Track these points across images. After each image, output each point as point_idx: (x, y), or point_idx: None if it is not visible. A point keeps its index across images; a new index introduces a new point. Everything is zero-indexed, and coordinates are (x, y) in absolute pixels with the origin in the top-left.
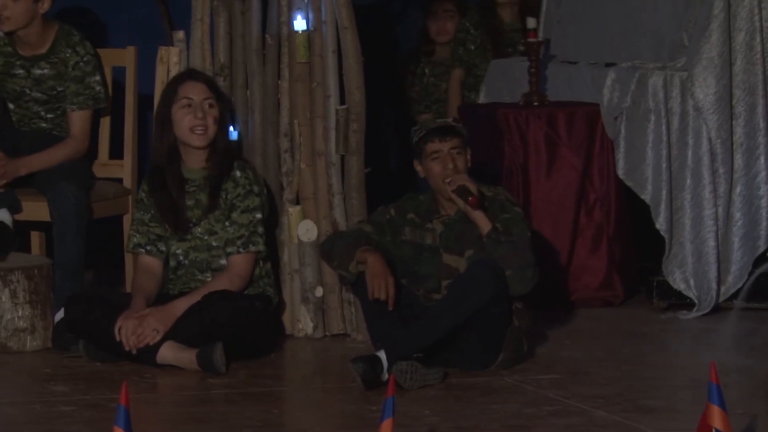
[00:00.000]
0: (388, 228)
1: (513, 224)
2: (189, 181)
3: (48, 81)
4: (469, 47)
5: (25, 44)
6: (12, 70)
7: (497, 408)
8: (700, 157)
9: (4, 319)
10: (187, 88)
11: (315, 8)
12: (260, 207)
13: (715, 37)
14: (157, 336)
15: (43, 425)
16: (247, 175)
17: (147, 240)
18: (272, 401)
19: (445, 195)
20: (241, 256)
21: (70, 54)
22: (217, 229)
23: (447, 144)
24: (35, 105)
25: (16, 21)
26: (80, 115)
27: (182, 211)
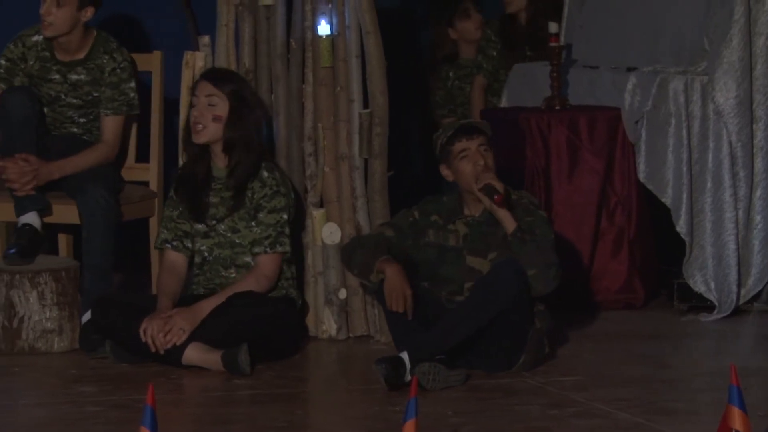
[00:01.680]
0: (410, 231)
1: (537, 226)
2: (216, 179)
3: (84, 86)
4: (491, 53)
5: (64, 50)
6: (48, 75)
7: (519, 409)
8: (721, 161)
9: (32, 321)
10: (197, 86)
11: (339, 13)
12: (286, 208)
13: (735, 42)
14: (183, 336)
15: (70, 426)
16: (274, 176)
17: (174, 236)
18: (297, 402)
19: (473, 193)
20: (267, 257)
21: (107, 60)
22: (241, 228)
23: (474, 142)
24: (69, 110)
25: (59, 27)
26: (113, 120)
27: (205, 207)
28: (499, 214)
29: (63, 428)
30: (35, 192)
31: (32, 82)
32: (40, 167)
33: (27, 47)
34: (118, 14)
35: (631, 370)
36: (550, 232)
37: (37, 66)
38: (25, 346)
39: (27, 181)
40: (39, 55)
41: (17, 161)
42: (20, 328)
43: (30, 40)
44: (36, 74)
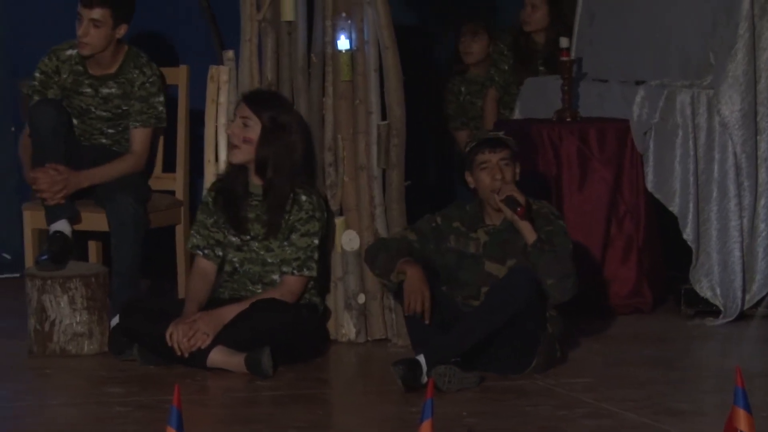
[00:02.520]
0: (433, 236)
1: (556, 236)
2: (253, 195)
3: (114, 99)
4: (503, 67)
5: (97, 65)
6: (80, 88)
7: (531, 410)
8: (726, 171)
9: (63, 324)
10: (238, 106)
11: (358, 29)
12: (318, 233)
13: (740, 57)
14: (207, 340)
15: (99, 425)
16: (311, 200)
17: (206, 243)
18: (317, 403)
19: (493, 204)
20: (294, 278)
21: (138, 75)
22: (274, 247)
23: (496, 155)
24: (99, 122)
25: (95, 46)
26: (142, 132)
27: (243, 220)
28: (520, 225)
29: (92, 427)
30: (65, 201)
31: (65, 95)
32: (69, 176)
33: (61, 61)
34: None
35: (639, 372)
36: (568, 242)
37: (70, 79)
38: (57, 348)
39: (57, 190)
40: (72, 69)
41: (47, 171)
42: (52, 331)
43: (64, 54)
44: (69, 87)
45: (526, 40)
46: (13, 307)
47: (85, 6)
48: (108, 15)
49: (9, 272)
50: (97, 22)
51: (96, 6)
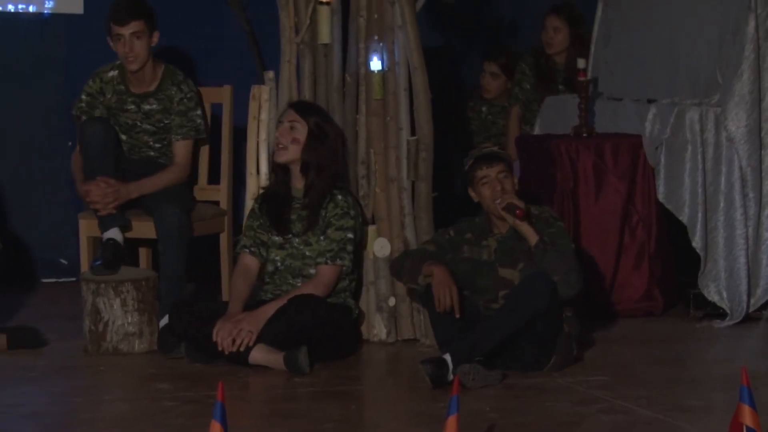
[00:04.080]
0: (449, 247)
1: (557, 237)
2: (295, 198)
3: (156, 114)
4: (525, 86)
5: (137, 83)
6: (124, 105)
7: (550, 406)
8: (732, 183)
9: (116, 325)
10: (283, 113)
11: (389, 51)
12: (353, 229)
13: (746, 76)
14: (252, 337)
15: (149, 418)
16: (347, 200)
17: (252, 242)
18: (351, 399)
19: (496, 214)
20: (328, 267)
21: (176, 91)
22: (313, 242)
23: (494, 169)
24: (145, 135)
25: (142, 57)
26: (183, 144)
27: (287, 222)
28: (522, 228)
29: (143, 421)
30: (116, 210)
31: (111, 113)
32: (119, 188)
33: (104, 82)
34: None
35: (652, 371)
36: (569, 241)
37: (115, 98)
38: (110, 347)
39: (107, 201)
40: (115, 89)
41: (98, 184)
42: (105, 331)
43: (107, 76)
44: (114, 105)
45: (547, 61)
46: (69, 309)
47: (120, 24)
48: (143, 25)
49: (66, 276)
50: (137, 33)
51: (131, 20)
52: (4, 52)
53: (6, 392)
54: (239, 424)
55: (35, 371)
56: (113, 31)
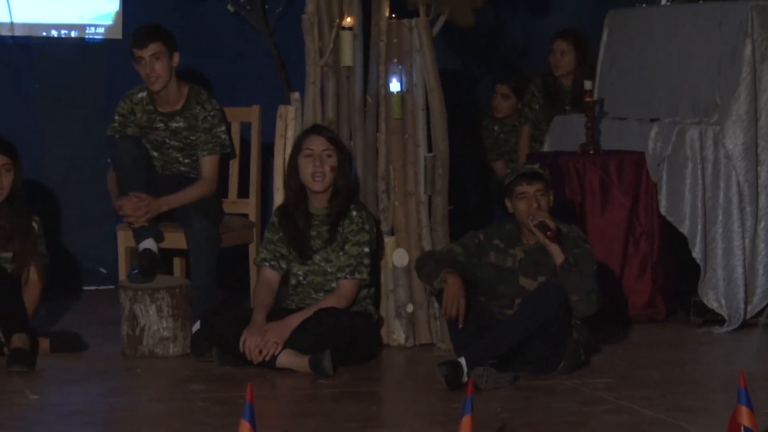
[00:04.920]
0: (476, 250)
1: (582, 258)
2: (314, 216)
3: (183, 132)
4: (535, 107)
5: (164, 102)
6: (153, 124)
7: (559, 406)
8: (730, 198)
9: (152, 330)
10: (310, 141)
11: (408, 73)
12: (368, 242)
13: (743, 97)
14: (277, 348)
15: (182, 418)
16: (361, 215)
17: (272, 256)
18: (372, 399)
19: (527, 227)
20: (348, 281)
21: (200, 110)
22: (333, 258)
23: (533, 187)
24: (174, 152)
25: (164, 77)
26: (209, 159)
27: (307, 241)
28: (550, 247)
29: (177, 420)
30: (149, 223)
31: (142, 132)
32: (150, 202)
33: (134, 103)
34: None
35: (654, 373)
36: (593, 263)
37: (145, 118)
38: (146, 351)
39: (139, 215)
40: (145, 109)
41: (131, 199)
42: (141, 336)
43: (136, 97)
44: (144, 124)
45: (555, 83)
46: (108, 315)
47: (141, 47)
48: (161, 46)
49: (105, 284)
50: (156, 54)
51: (150, 43)
52: (49, 75)
53: (50, 392)
54: (267, 423)
55: (77, 373)
56: (135, 55)
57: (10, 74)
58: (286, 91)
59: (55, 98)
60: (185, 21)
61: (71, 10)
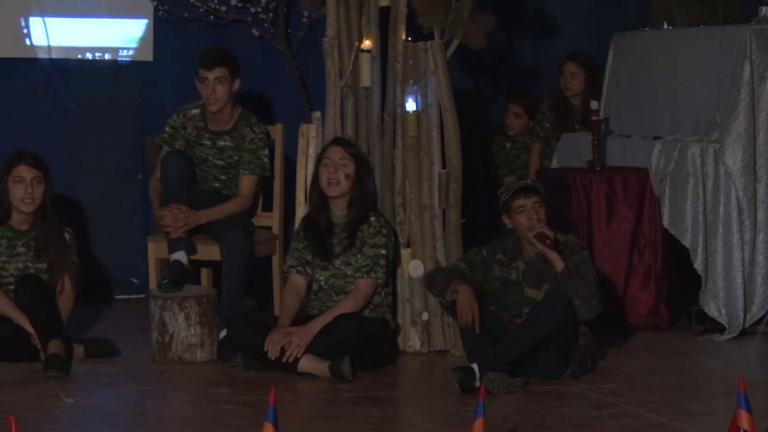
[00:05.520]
0: (480, 265)
1: (581, 264)
2: (335, 224)
3: (228, 151)
4: (545, 125)
5: (216, 122)
6: (201, 140)
7: (567, 410)
8: (730, 212)
9: (180, 336)
10: (328, 151)
11: (423, 93)
12: (385, 246)
13: (741, 116)
14: (300, 351)
15: (209, 420)
16: (379, 221)
17: (298, 262)
18: (389, 403)
19: (527, 239)
20: (364, 280)
21: (248, 131)
22: (352, 261)
23: (530, 200)
24: (214, 169)
25: (222, 101)
26: (250, 179)
27: (329, 248)
28: (550, 256)
29: (204, 422)
30: (185, 235)
31: (188, 146)
32: (189, 215)
33: (187, 118)
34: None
35: (658, 379)
36: (592, 268)
37: (194, 133)
38: (175, 356)
39: (179, 226)
40: (195, 125)
41: (172, 210)
42: (171, 342)
43: (189, 113)
44: (192, 139)
45: (565, 103)
46: (139, 322)
47: (207, 69)
48: (227, 71)
49: (136, 293)
50: (220, 78)
51: (216, 66)
52: (84, 95)
53: (84, 395)
54: (289, 425)
55: (109, 377)
56: (200, 74)
57: (48, 94)
58: (308, 110)
59: (89, 116)
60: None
61: (105, 34)
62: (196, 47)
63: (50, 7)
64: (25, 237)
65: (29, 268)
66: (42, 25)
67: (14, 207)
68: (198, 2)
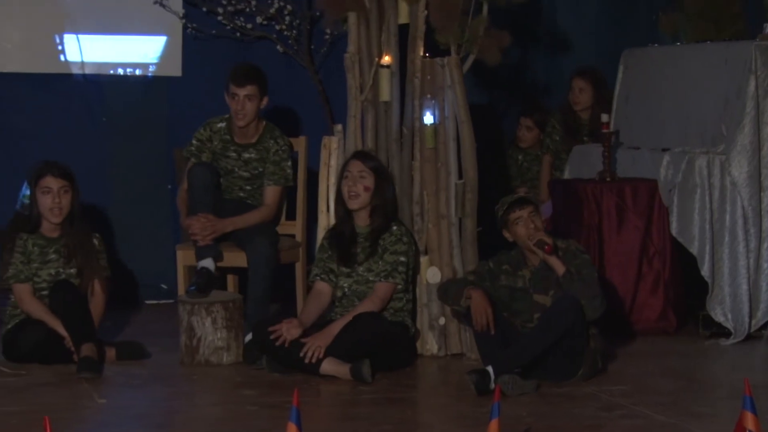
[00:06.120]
0: (488, 276)
1: (583, 267)
2: (359, 234)
3: (253, 162)
4: (555, 138)
5: (242, 135)
6: (227, 152)
7: (578, 411)
8: (736, 221)
9: (207, 340)
10: (349, 165)
11: (440, 107)
12: (405, 253)
13: (747, 129)
14: (321, 351)
15: (235, 420)
16: (401, 229)
17: (323, 271)
18: (407, 404)
19: (529, 249)
20: (383, 284)
21: (272, 144)
22: (374, 268)
23: (525, 210)
24: (239, 180)
25: (250, 117)
26: (273, 189)
27: (353, 256)
28: (550, 261)
29: (230, 422)
30: (212, 242)
31: (214, 158)
32: (216, 223)
33: (213, 131)
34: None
35: (666, 381)
36: (593, 270)
37: (220, 146)
38: (202, 359)
39: (206, 234)
40: (222, 138)
41: (199, 218)
42: (198, 345)
43: (216, 126)
44: (218, 152)
45: (574, 117)
46: (168, 326)
47: (238, 86)
48: (256, 89)
49: (165, 299)
50: (250, 96)
51: (247, 84)
52: (116, 109)
53: (115, 396)
54: (312, 426)
55: (139, 379)
56: (231, 90)
57: (82, 107)
58: (330, 123)
59: (120, 129)
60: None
61: (136, 51)
62: (223, 63)
63: (84, 25)
64: (56, 244)
65: (60, 274)
66: (76, 42)
67: (43, 216)
68: (225, 20)
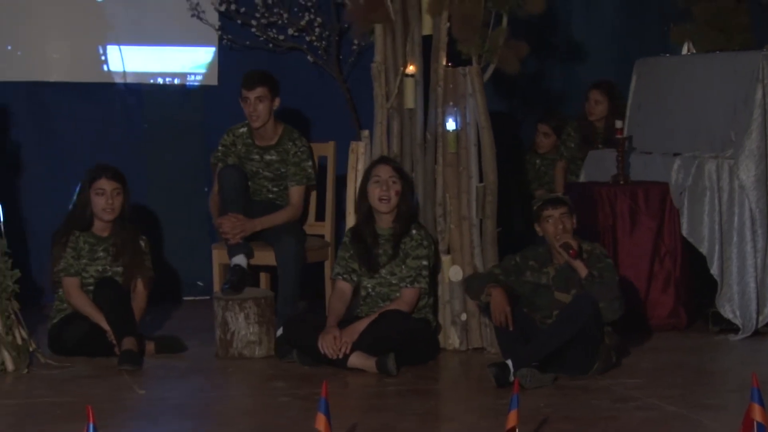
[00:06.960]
0: (513, 270)
1: (605, 271)
2: (380, 236)
3: (275, 164)
4: (570, 145)
5: (261, 138)
6: (250, 155)
7: (594, 403)
8: (744, 222)
9: (240, 335)
10: (378, 169)
11: (462, 114)
12: (426, 257)
13: (754, 135)
14: (348, 346)
15: (267, 411)
16: (420, 233)
17: (344, 270)
18: (431, 396)
19: (556, 248)
20: (409, 290)
21: (291, 146)
22: (397, 271)
23: (557, 210)
24: (265, 181)
25: (263, 117)
26: (297, 189)
27: (374, 257)
28: (574, 264)
29: (263, 413)
30: (242, 241)
31: (240, 162)
32: (245, 223)
33: (236, 136)
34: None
35: (677, 375)
36: (615, 275)
37: (243, 150)
38: (235, 353)
39: (236, 233)
40: (244, 142)
41: (230, 218)
42: (232, 340)
43: (237, 132)
44: (242, 156)
45: (589, 126)
46: (204, 321)
47: (248, 89)
48: (267, 90)
49: (202, 296)
50: (261, 97)
51: (257, 86)
52: (155, 116)
53: (154, 388)
54: (340, 416)
55: (177, 371)
56: (243, 94)
57: (123, 115)
58: (357, 130)
59: (160, 136)
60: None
61: (175, 61)
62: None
63: (125, 36)
64: (105, 243)
65: (107, 271)
66: (118, 53)
67: (96, 216)
68: (258, 32)
